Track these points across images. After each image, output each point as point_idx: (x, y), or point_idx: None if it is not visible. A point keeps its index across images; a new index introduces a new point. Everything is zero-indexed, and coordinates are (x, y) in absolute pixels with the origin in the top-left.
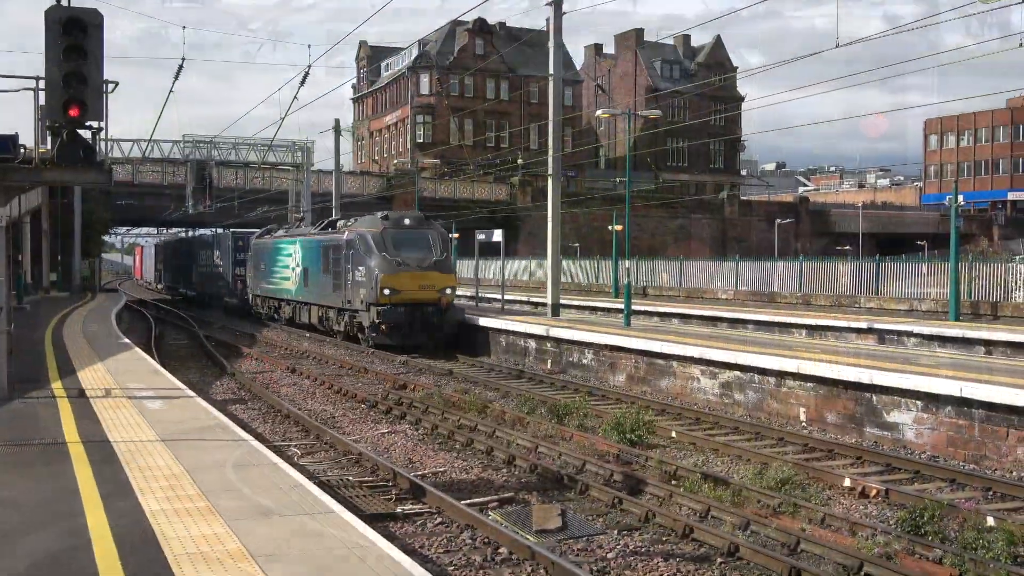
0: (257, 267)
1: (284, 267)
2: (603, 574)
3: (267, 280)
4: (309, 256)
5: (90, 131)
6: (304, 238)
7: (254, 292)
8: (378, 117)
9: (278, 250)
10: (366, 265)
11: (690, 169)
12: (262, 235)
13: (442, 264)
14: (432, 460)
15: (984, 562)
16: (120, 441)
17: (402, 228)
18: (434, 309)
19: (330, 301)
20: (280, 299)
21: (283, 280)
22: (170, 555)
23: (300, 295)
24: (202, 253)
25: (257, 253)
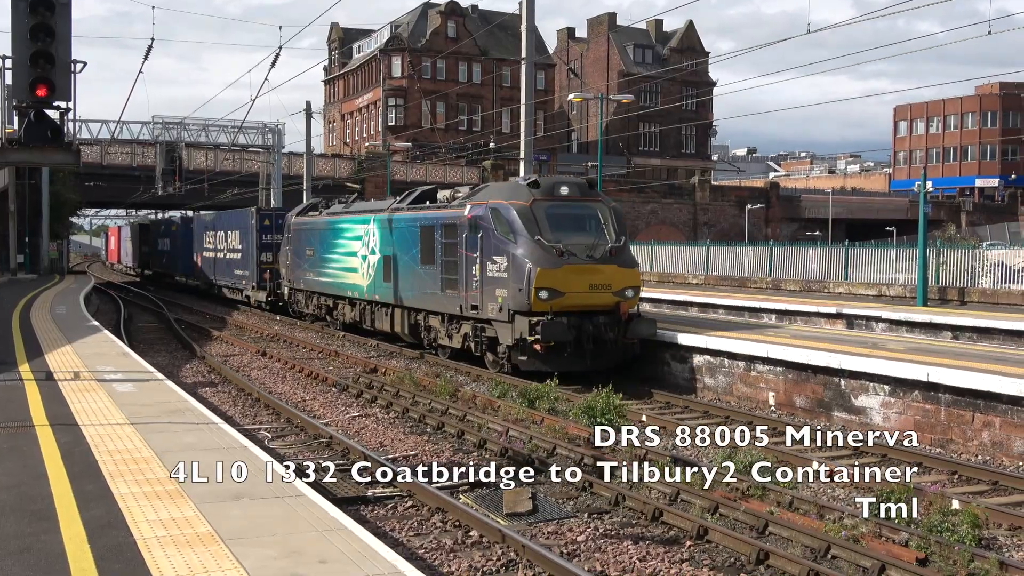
0: (299, 253)
1: (347, 254)
2: (573, 557)
3: (316, 271)
4: (395, 240)
5: (58, 111)
6: (385, 215)
7: (293, 285)
8: (349, 99)
9: (336, 231)
10: (507, 254)
11: (662, 154)
12: (305, 211)
13: (620, 254)
14: (403, 443)
15: (949, 545)
16: (89, 424)
17: (560, 200)
18: (610, 320)
19: (435, 304)
20: (338, 296)
21: (345, 272)
22: (139, 538)
23: (376, 293)
24: (208, 235)
25: (299, 235)
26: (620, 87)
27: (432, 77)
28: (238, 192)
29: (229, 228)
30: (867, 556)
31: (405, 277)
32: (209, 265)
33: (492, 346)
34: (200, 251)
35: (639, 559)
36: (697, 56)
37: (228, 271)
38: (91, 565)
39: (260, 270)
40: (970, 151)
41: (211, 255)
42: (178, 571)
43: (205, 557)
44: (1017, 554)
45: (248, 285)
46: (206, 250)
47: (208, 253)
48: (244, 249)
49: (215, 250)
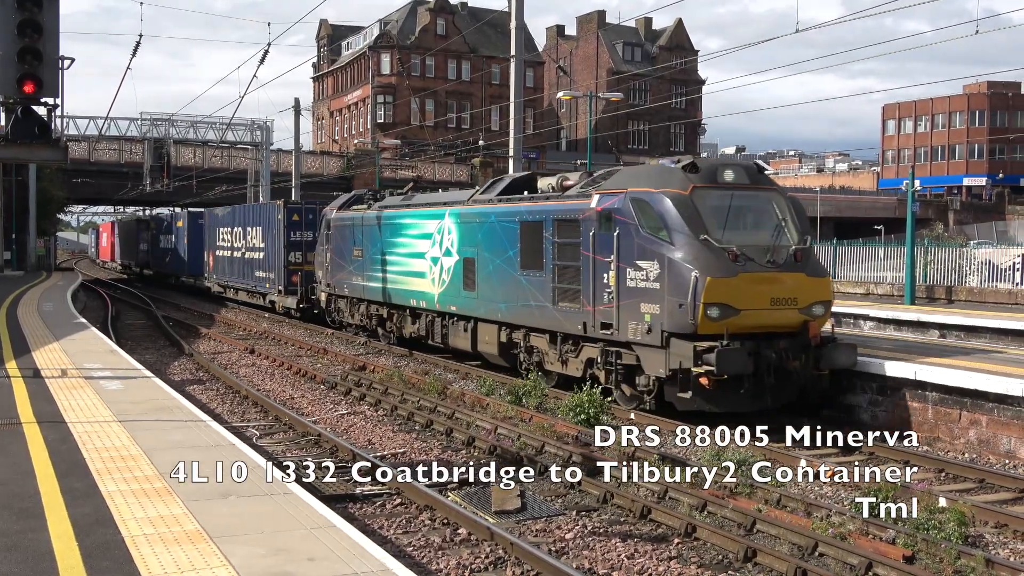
0: (342, 254)
1: (410, 255)
2: (562, 555)
3: (365, 274)
4: (481, 239)
5: (45, 108)
6: (465, 208)
7: (334, 291)
8: (338, 97)
9: (395, 228)
10: (660, 258)
11: (651, 152)
12: (348, 204)
13: (807, 258)
14: (391, 441)
15: (936, 542)
16: (76, 422)
17: (725, 187)
18: (795, 344)
19: (541, 320)
20: (396, 305)
21: (406, 276)
22: (127, 536)
23: (452, 303)
24: (222, 232)
25: (342, 233)
26: (609, 85)
27: (421, 74)
28: (226, 189)
29: (249, 224)
30: (854, 554)
31: (495, 285)
32: (223, 265)
33: (630, 376)
34: (212, 249)
35: (627, 557)
36: (686, 54)
37: (247, 272)
38: (79, 562)
39: (288, 272)
40: (958, 150)
41: (225, 254)
42: (166, 568)
43: (193, 554)
44: (1003, 551)
45: (273, 289)
46: (219, 248)
47: (222, 252)
48: (268, 248)
49: (230, 248)
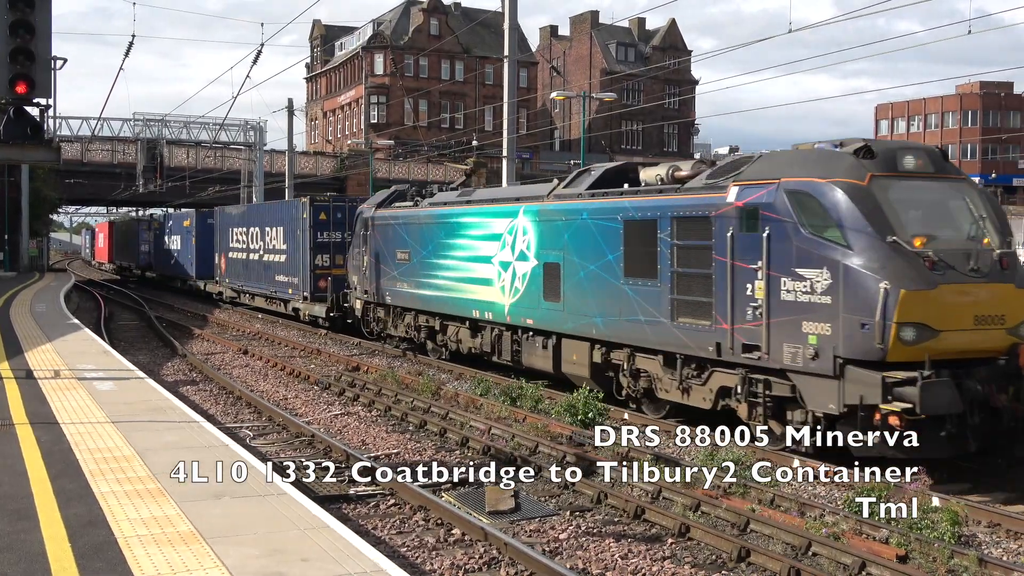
0: (384, 257)
1: (472, 259)
2: (556, 555)
3: (413, 280)
4: (568, 240)
5: (38, 108)
6: (546, 204)
7: (373, 298)
8: (332, 97)
9: (452, 228)
10: (832, 264)
11: (644, 152)
12: (389, 201)
13: (1013, 265)
14: (385, 442)
15: (929, 542)
16: (69, 423)
17: (908, 176)
18: (1002, 374)
19: (653, 338)
20: (452, 316)
21: (467, 284)
22: (120, 537)
23: (528, 315)
24: (236, 232)
25: (384, 233)
26: (603, 85)
27: (415, 75)
28: (219, 190)
29: (268, 224)
30: (848, 553)
31: (588, 295)
32: (237, 269)
33: (779, 411)
34: (224, 251)
35: (621, 557)
36: (679, 54)
37: (265, 277)
38: (72, 564)
39: (314, 277)
40: (951, 150)
41: (240, 256)
42: (160, 570)
43: (187, 556)
44: (996, 551)
45: (297, 295)
46: (233, 250)
47: (236, 254)
48: (291, 250)
49: (246, 250)
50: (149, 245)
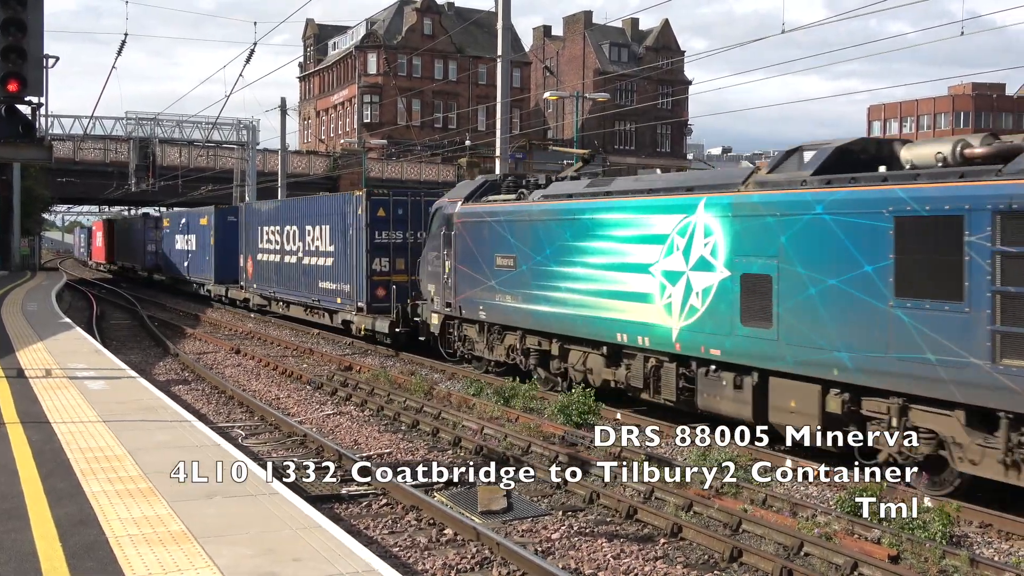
0: (474, 262)
1: (617, 267)
2: (548, 555)
3: (521, 292)
4: (790, 243)
5: (29, 106)
6: (749, 196)
7: (459, 312)
8: (325, 96)
9: (584, 227)
10: None
11: (637, 152)
12: (478, 194)
13: None
14: (377, 441)
15: (921, 542)
16: (60, 422)
17: None
18: None
19: (957, 387)
20: (582, 340)
21: (607, 299)
22: (111, 536)
23: (720, 343)
24: (269, 231)
25: (476, 233)
26: (596, 85)
27: (408, 74)
28: (212, 189)
29: (309, 222)
30: (840, 553)
31: (824, 319)
32: (268, 273)
33: None
34: (251, 253)
35: (613, 557)
36: (672, 55)
37: (305, 283)
38: (63, 563)
39: (371, 284)
40: None
41: (272, 259)
42: (151, 569)
43: (178, 555)
44: (987, 551)
45: (348, 305)
46: (263, 252)
47: (266, 256)
48: (340, 252)
49: (279, 252)
50: (156, 245)
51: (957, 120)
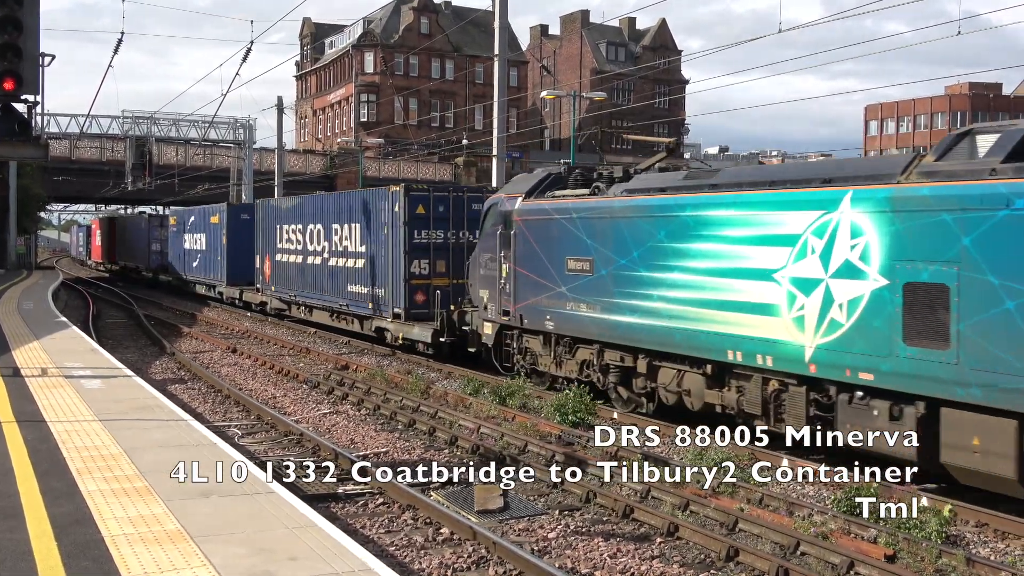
0: (539, 265)
1: (731, 273)
2: (544, 554)
3: (598, 300)
4: (971, 247)
5: (26, 105)
6: (917, 189)
7: (517, 322)
8: (321, 95)
9: (684, 226)
10: None
11: (634, 152)
12: (542, 189)
13: None
14: (374, 441)
15: (917, 541)
16: (56, 421)
17: None
18: None
19: None
20: (678, 357)
21: (714, 311)
22: (107, 535)
23: (875, 365)
24: (288, 230)
25: (543, 232)
26: (593, 84)
27: (404, 73)
28: (208, 188)
29: (336, 219)
30: (836, 553)
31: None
32: (288, 275)
33: None
34: (269, 253)
35: (610, 556)
36: (669, 54)
37: (331, 286)
38: (58, 563)
39: (409, 289)
40: None
41: (293, 260)
42: (146, 568)
43: (174, 554)
44: (983, 550)
45: (383, 311)
46: (282, 252)
47: (286, 256)
48: (373, 253)
49: (301, 252)
50: (161, 244)
51: (954, 120)
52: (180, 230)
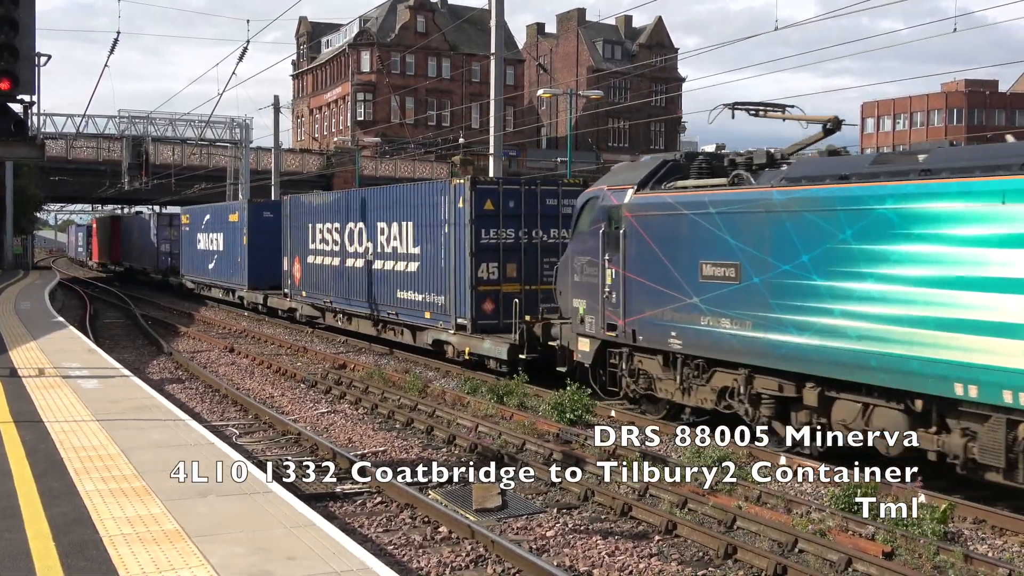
0: (664, 272)
1: (967, 283)
2: (543, 552)
3: (747, 315)
4: None
5: (22, 105)
6: None
7: (628, 338)
8: (318, 94)
9: (884, 224)
10: None
11: (631, 149)
12: (659, 179)
13: None
14: (372, 440)
15: (915, 538)
16: (54, 421)
17: None
18: None
19: None
20: (867, 388)
21: (936, 332)
22: (105, 535)
23: None
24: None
25: (669, 231)
26: (589, 83)
27: (401, 72)
28: (205, 187)
29: (384, 217)
30: (834, 550)
31: None
32: (322, 279)
33: None
34: (299, 254)
35: (608, 554)
36: (666, 52)
37: (377, 292)
38: (56, 563)
39: (477, 296)
40: None
41: (328, 262)
42: (145, 568)
43: (172, 554)
44: (981, 547)
45: (443, 321)
46: (315, 253)
47: (321, 259)
48: (431, 255)
49: (339, 254)
50: (170, 245)
51: (950, 117)
52: (194, 229)
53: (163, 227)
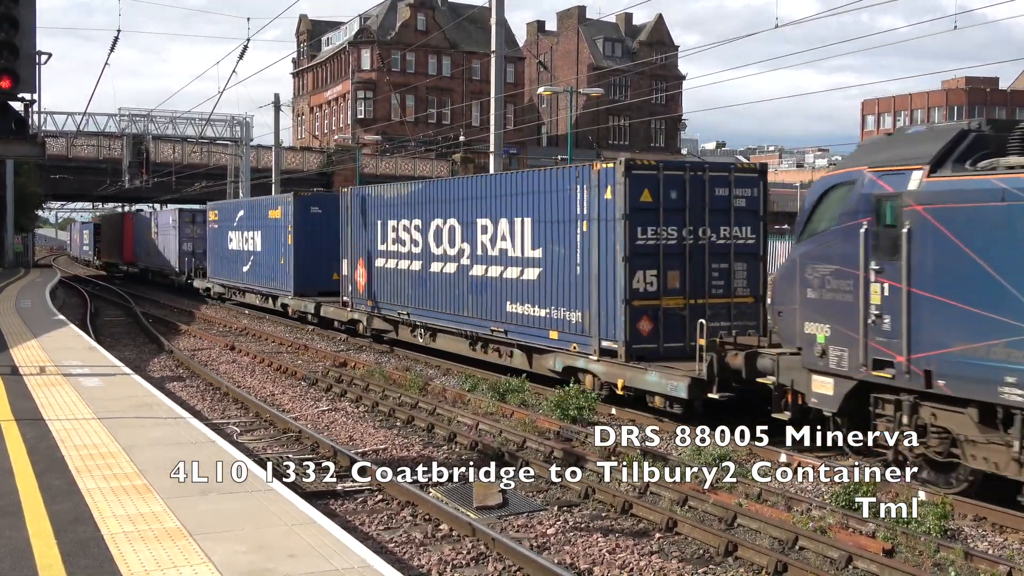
0: (999, 288)
1: None
2: (543, 550)
3: None
4: None
5: (22, 103)
6: None
7: (946, 384)
8: (318, 92)
9: None
10: None
11: (632, 147)
12: (959, 156)
13: None
14: (373, 437)
15: (915, 536)
16: (55, 419)
17: None
18: None
19: None
20: None
21: None
22: (106, 533)
23: None
24: (396, 225)
25: (997, 231)
26: (590, 80)
27: (401, 70)
28: (205, 185)
29: (488, 213)
30: (835, 547)
31: None
32: (397, 286)
33: None
34: (362, 256)
35: (609, 552)
36: (666, 50)
37: (476, 304)
38: (58, 560)
39: (632, 313)
40: None
41: (404, 266)
42: (146, 566)
43: (173, 552)
44: (981, 544)
45: (581, 344)
46: (384, 255)
47: (392, 261)
48: (559, 258)
49: (420, 256)
50: (194, 244)
51: (951, 114)
52: (224, 227)
53: (185, 224)
